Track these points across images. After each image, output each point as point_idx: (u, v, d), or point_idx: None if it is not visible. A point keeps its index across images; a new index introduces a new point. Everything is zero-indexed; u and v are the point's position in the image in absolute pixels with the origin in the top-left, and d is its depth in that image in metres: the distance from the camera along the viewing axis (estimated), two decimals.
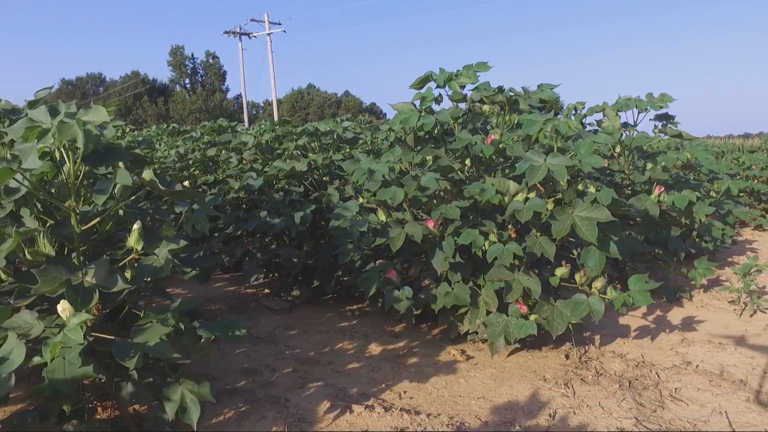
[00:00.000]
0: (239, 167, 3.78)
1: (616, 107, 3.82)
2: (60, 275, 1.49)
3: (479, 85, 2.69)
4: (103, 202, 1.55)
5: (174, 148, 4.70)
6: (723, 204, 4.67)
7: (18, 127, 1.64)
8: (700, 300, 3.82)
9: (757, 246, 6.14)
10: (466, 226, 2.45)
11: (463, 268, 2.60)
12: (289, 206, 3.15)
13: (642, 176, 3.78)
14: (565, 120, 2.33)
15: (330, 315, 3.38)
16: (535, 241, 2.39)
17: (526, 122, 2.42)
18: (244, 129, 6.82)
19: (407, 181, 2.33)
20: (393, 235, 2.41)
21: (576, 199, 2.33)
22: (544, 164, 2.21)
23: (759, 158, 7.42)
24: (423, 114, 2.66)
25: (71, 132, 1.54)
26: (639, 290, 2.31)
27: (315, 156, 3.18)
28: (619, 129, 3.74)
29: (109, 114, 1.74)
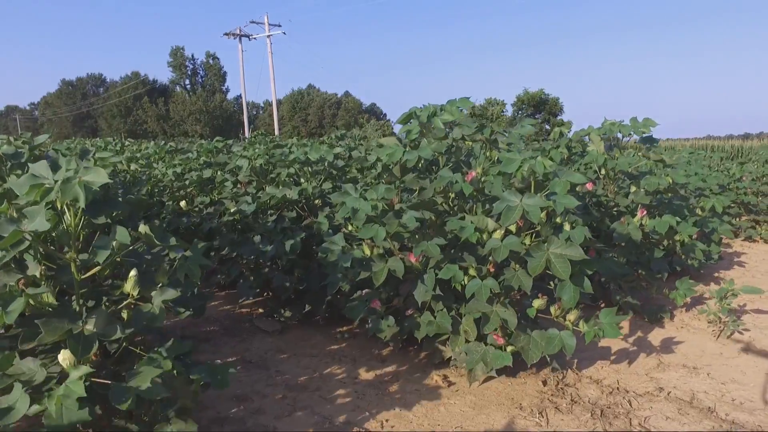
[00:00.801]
0: (234, 191, 3.90)
1: (601, 132, 3.94)
2: (62, 325, 1.62)
3: (461, 122, 2.81)
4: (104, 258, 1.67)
5: (172, 167, 4.82)
6: (708, 222, 4.78)
7: (22, 182, 1.76)
8: (681, 320, 3.94)
9: (746, 259, 6.25)
10: (447, 260, 2.57)
11: (445, 297, 2.72)
12: (281, 233, 3.27)
13: (625, 199, 3.90)
14: (542, 160, 2.45)
15: (320, 337, 3.50)
16: (513, 274, 2.52)
17: (505, 160, 2.54)
18: (240, 147, 6.94)
19: (389, 220, 2.46)
20: (376, 270, 2.53)
21: (551, 236, 2.45)
22: (519, 205, 2.33)
23: (749, 169, 7.53)
24: (407, 149, 2.78)
25: (73, 192, 1.66)
26: (609, 323, 2.42)
27: (306, 185, 3.30)
28: (603, 153, 3.86)
29: (107, 168, 1.86)
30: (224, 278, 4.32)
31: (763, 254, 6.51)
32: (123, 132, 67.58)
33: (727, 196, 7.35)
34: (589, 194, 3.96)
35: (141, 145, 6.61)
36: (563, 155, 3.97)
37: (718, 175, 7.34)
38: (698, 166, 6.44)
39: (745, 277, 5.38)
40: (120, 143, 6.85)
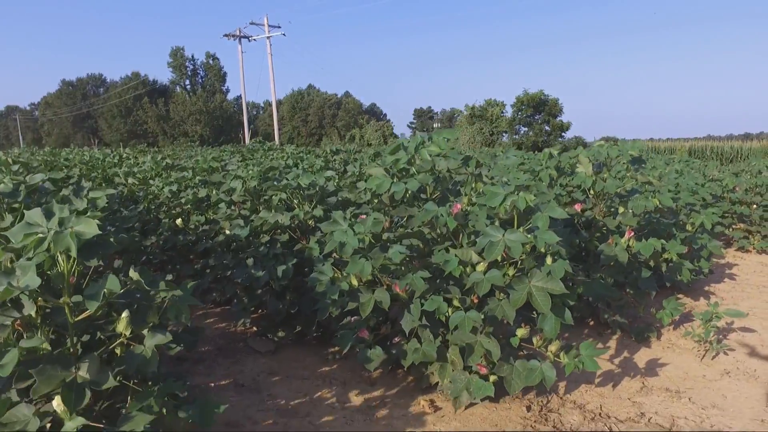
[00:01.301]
0: (228, 213, 3.97)
1: (590, 154, 4.00)
2: (56, 373, 1.69)
3: (448, 155, 2.87)
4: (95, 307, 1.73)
5: (168, 185, 4.89)
6: (697, 239, 4.84)
7: (17, 231, 1.83)
8: (668, 339, 4.01)
9: (737, 271, 6.32)
10: (433, 291, 2.65)
11: (432, 325, 2.79)
12: (273, 259, 3.34)
13: (614, 221, 3.97)
14: (524, 194, 2.51)
15: (313, 358, 3.57)
16: (497, 304, 2.59)
17: (489, 194, 2.60)
18: (237, 159, 7.00)
19: (375, 255, 2.53)
20: (363, 300, 2.60)
21: (533, 269, 2.52)
22: (502, 240, 2.40)
23: (742, 180, 7.59)
24: (395, 181, 2.85)
25: (65, 243, 1.73)
26: (588, 356, 2.49)
27: (297, 211, 3.37)
28: (591, 176, 3.92)
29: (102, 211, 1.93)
30: (220, 296, 4.40)
31: (755, 266, 6.58)
32: (123, 132, 67.72)
33: (720, 206, 7.44)
34: (578, 215, 4.03)
35: (138, 157, 6.68)
36: (553, 176, 4.04)
37: (711, 185, 7.41)
38: (690, 178, 6.50)
39: (735, 290, 5.45)
40: (118, 155, 6.92)
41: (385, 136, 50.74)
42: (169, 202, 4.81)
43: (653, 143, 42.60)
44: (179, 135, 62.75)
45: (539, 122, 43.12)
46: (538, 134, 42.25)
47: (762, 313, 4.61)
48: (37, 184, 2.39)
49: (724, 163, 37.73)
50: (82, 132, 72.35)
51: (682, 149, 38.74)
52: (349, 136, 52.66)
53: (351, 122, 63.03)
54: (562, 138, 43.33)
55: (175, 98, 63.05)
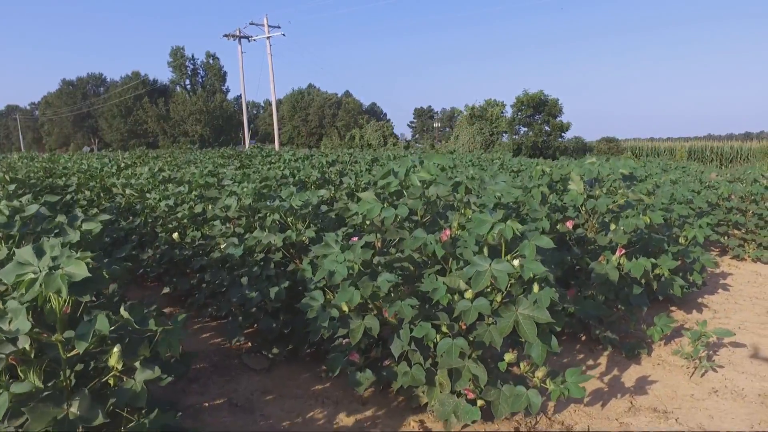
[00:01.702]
0: (223, 231, 4.00)
1: (581, 171, 4.04)
2: (48, 410, 1.73)
3: (438, 181, 2.91)
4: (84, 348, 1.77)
5: (165, 199, 4.93)
6: (690, 252, 4.88)
7: (9, 271, 1.87)
8: (658, 355, 4.05)
9: (731, 281, 6.35)
10: (422, 316, 2.69)
11: (422, 348, 2.83)
12: (266, 280, 3.38)
13: (605, 238, 4.00)
14: (511, 223, 2.55)
15: (306, 375, 3.61)
16: (485, 329, 2.62)
17: (477, 222, 2.64)
18: (233, 170, 7.03)
19: (364, 283, 2.57)
20: (353, 327, 2.65)
21: (520, 297, 2.56)
22: (488, 270, 2.44)
23: (738, 188, 7.62)
24: (385, 206, 2.89)
25: (56, 284, 1.77)
26: (574, 383, 2.53)
27: (290, 233, 3.41)
28: (583, 193, 3.96)
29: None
30: (215, 311, 4.44)
31: (749, 275, 6.61)
32: (123, 132, 67.76)
33: (715, 214, 7.48)
34: (570, 232, 4.07)
35: (136, 165, 6.71)
36: (545, 194, 4.08)
37: (707, 193, 7.44)
38: (685, 187, 6.53)
39: (728, 302, 5.49)
40: (116, 164, 6.96)
41: (385, 136, 50.78)
42: (165, 215, 4.86)
43: (653, 143, 42.61)
44: (179, 135, 62.82)
45: (539, 122, 43.11)
46: (538, 134, 42.25)
47: (753, 328, 4.65)
48: (33, 215, 2.43)
49: (723, 164, 37.81)
50: (83, 131, 72.40)
51: (682, 150, 38.79)
52: (349, 136, 52.68)
53: (351, 122, 63.04)
54: (562, 138, 43.34)
55: (175, 98, 63.11)
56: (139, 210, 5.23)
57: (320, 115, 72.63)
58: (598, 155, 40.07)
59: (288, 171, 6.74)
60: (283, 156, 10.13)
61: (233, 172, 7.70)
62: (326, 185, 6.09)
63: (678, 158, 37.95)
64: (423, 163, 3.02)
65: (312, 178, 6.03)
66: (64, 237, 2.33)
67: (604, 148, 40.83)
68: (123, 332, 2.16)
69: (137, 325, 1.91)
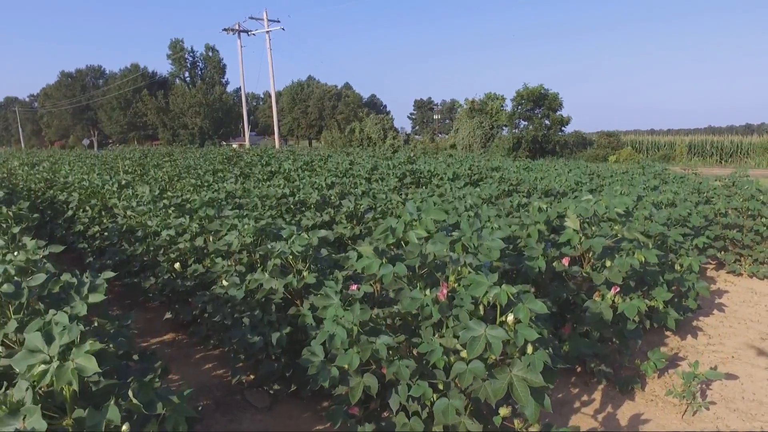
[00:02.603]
0: (224, 268, 4.07)
1: (577, 211, 4.09)
2: None
3: (435, 239, 2.97)
4: None
5: (166, 228, 4.99)
6: (684, 280, 4.95)
7: (19, 359, 1.94)
8: (651, 390, 4.13)
9: (727, 300, 6.42)
10: (419, 373, 2.76)
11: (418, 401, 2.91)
12: (268, 325, 3.45)
13: (600, 276, 4.07)
14: (505, 288, 2.62)
15: (308, 414, 3.70)
16: (480, 385, 2.70)
17: (473, 284, 2.71)
18: (232, 182, 7.07)
19: (363, 346, 2.64)
20: (353, 385, 2.72)
21: (515, 359, 2.63)
22: (483, 335, 2.51)
23: (735, 203, 7.68)
24: (383, 263, 2.95)
25: (66, 377, 1.84)
26: None
27: (291, 278, 3.47)
28: (578, 232, 4.02)
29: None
30: (217, 341, 4.52)
31: (745, 293, 6.68)
32: (123, 124, 67.58)
33: (713, 230, 7.54)
34: (567, 270, 4.13)
35: (136, 185, 6.76)
36: (542, 232, 4.14)
37: (704, 209, 7.50)
38: (683, 207, 6.59)
39: (722, 326, 5.57)
40: (117, 182, 7.02)
41: (385, 129, 50.71)
42: (167, 245, 4.92)
43: (653, 137, 42.54)
44: (179, 127, 62.74)
45: (539, 116, 43.04)
46: (538, 128, 42.20)
47: (746, 356, 4.73)
48: (39, 284, 2.49)
49: (723, 158, 37.80)
50: (82, 124, 72.25)
51: (682, 144, 38.77)
52: (349, 130, 52.59)
53: (351, 115, 62.89)
54: (562, 132, 43.30)
55: (175, 90, 62.91)
56: (141, 236, 5.29)
57: (320, 107, 72.48)
58: (598, 149, 40.07)
59: (288, 189, 6.80)
60: (283, 165, 10.17)
61: (233, 186, 7.75)
62: (326, 207, 6.15)
63: (678, 153, 37.94)
64: (421, 218, 3.08)
65: (312, 200, 6.09)
66: (72, 307, 2.39)
67: (604, 143, 40.78)
68: (129, 412, 2.24)
69: (146, 410, 1.98)
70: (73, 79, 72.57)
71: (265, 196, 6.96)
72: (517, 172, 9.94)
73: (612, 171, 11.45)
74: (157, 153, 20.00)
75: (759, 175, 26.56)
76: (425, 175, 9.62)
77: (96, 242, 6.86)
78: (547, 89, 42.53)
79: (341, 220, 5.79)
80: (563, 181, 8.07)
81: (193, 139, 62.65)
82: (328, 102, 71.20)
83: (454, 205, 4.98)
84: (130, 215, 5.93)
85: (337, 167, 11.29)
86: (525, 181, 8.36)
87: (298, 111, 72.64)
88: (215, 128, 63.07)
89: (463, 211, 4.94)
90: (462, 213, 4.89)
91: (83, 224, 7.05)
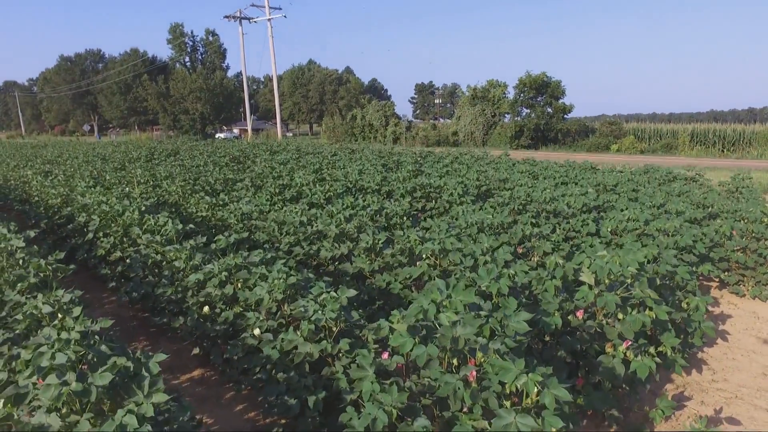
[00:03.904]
0: (256, 323, 4.28)
1: (593, 269, 4.30)
2: None
3: (464, 321, 3.18)
4: None
5: (193, 270, 5.19)
6: (691, 322, 5.17)
7: None
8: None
9: (730, 326, 6.64)
10: None
11: None
12: (305, 389, 3.68)
13: (613, 330, 4.29)
14: (532, 377, 2.84)
15: None
16: None
17: (501, 371, 2.93)
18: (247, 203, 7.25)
19: (403, 428, 2.87)
20: None
21: None
22: (513, 422, 2.74)
23: (739, 226, 7.88)
24: (416, 343, 3.17)
25: None
26: None
27: (326, 344, 3.69)
28: (593, 290, 4.23)
29: None
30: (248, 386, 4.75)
31: (748, 318, 6.90)
32: (123, 109, 67.39)
33: (717, 252, 7.75)
34: (581, 324, 4.35)
35: (160, 216, 6.95)
36: (558, 287, 4.35)
37: (709, 232, 7.70)
38: (689, 236, 6.79)
39: (726, 358, 5.80)
40: (137, 208, 7.21)
41: (387, 116, 50.64)
42: (195, 288, 5.13)
43: (656, 125, 42.48)
44: (180, 113, 62.56)
45: (541, 104, 43.03)
46: (540, 116, 42.23)
47: (749, 396, 4.97)
48: (106, 383, 2.69)
49: (726, 147, 37.85)
50: (82, 108, 72.05)
51: (684, 133, 38.80)
52: (351, 116, 52.53)
53: (352, 102, 62.64)
54: (564, 120, 43.30)
55: (175, 75, 62.57)
56: (168, 276, 5.49)
57: (321, 92, 72.19)
58: (600, 138, 40.10)
59: (305, 217, 6.99)
60: (294, 179, 10.35)
61: (248, 208, 7.94)
62: (344, 239, 6.35)
63: (681, 142, 37.97)
64: (451, 298, 3.29)
65: (330, 233, 6.29)
66: (137, 405, 2.60)
67: (606, 131, 40.82)
68: None
69: None
70: (73, 64, 72.12)
71: (283, 222, 7.16)
72: (525, 186, 10.12)
73: (617, 179, 11.61)
74: (164, 151, 20.13)
75: (762, 167, 26.70)
76: (434, 189, 9.80)
77: (118, 268, 7.08)
78: (549, 77, 42.46)
79: (360, 254, 6.00)
80: (572, 201, 8.26)
81: (193, 125, 62.45)
82: (329, 86, 70.87)
83: (471, 248, 5.18)
84: (155, 248, 6.13)
85: (347, 176, 11.47)
86: (534, 200, 8.55)
87: (299, 95, 72.32)
88: (216, 113, 62.88)
89: (479, 255, 5.14)
90: (479, 257, 5.10)
91: (104, 249, 7.26)
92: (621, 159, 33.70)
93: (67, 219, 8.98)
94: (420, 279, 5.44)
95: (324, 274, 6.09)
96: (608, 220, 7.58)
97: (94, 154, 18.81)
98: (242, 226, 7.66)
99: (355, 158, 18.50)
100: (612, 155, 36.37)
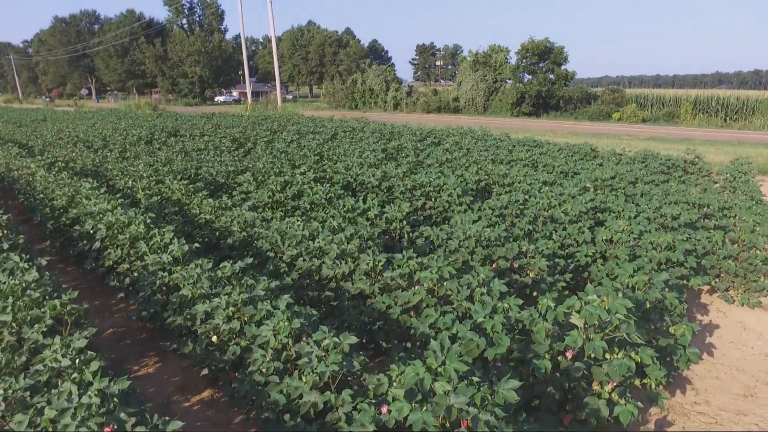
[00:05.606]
0: (263, 363, 4.52)
1: (583, 315, 4.51)
2: None
3: (458, 391, 3.40)
4: None
5: (201, 299, 5.41)
6: (676, 349, 5.42)
7: None
8: None
9: (716, 339, 6.90)
10: None
11: None
12: None
13: (600, 372, 4.53)
14: None
15: None
16: None
17: None
18: (248, 209, 7.41)
19: None
20: None
21: None
22: None
23: (731, 237, 8.06)
24: (414, 408, 3.41)
25: None
26: None
27: (330, 395, 3.94)
28: (582, 336, 4.45)
29: None
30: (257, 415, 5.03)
31: (734, 328, 7.16)
32: (120, 73, 66.48)
33: (708, 260, 7.95)
34: (570, 364, 4.59)
35: (162, 232, 7.13)
36: (548, 330, 4.57)
37: (702, 242, 7.88)
38: (680, 251, 6.99)
39: (710, 375, 6.08)
40: (143, 222, 7.38)
41: (387, 81, 50.05)
42: (203, 317, 5.36)
43: (658, 92, 42.05)
44: (178, 76, 61.78)
45: (543, 70, 42.48)
46: (542, 83, 41.76)
47: (728, 419, 5.26)
48: None
49: (729, 115, 37.60)
50: (79, 71, 71.06)
51: (687, 101, 38.47)
52: (351, 81, 51.91)
53: (353, 66, 61.73)
54: (567, 86, 42.84)
55: (173, 38, 61.47)
56: (177, 304, 5.72)
57: (320, 54, 70.99)
58: (602, 105, 39.77)
59: (307, 232, 7.18)
60: (296, 177, 10.48)
61: (252, 215, 8.12)
62: (345, 258, 6.56)
63: (683, 111, 37.68)
64: (445, 364, 3.51)
65: (332, 253, 6.48)
66: None
67: (608, 98, 40.44)
68: None
69: None
70: (68, 25, 70.70)
71: (284, 233, 7.35)
72: (523, 183, 10.27)
73: (615, 171, 11.71)
74: (164, 129, 20.13)
75: (763, 141, 26.54)
76: (434, 189, 9.96)
77: (126, 279, 7.32)
78: (552, 42, 41.78)
79: (361, 276, 6.22)
80: (569, 208, 8.43)
81: (192, 88, 61.77)
82: (329, 48, 69.68)
83: (467, 279, 5.40)
84: (161, 269, 6.33)
85: (348, 170, 11.60)
86: (531, 205, 8.72)
87: (299, 57, 71.19)
88: (215, 77, 62.10)
89: (476, 286, 5.36)
90: (475, 288, 5.31)
91: (111, 260, 7.48)
92: (622, 129, 33.58)
93: (72, 221, 9.17)
94: (419, 305, 5.67)
95: (326, 289, 6.35)
96: (604, 230, 7.77)
97: (94, 134, 18.82)
98: (245, 234, 7.87)
99: (356, 138, 18.52)
100: (613, 124, 36.18)
